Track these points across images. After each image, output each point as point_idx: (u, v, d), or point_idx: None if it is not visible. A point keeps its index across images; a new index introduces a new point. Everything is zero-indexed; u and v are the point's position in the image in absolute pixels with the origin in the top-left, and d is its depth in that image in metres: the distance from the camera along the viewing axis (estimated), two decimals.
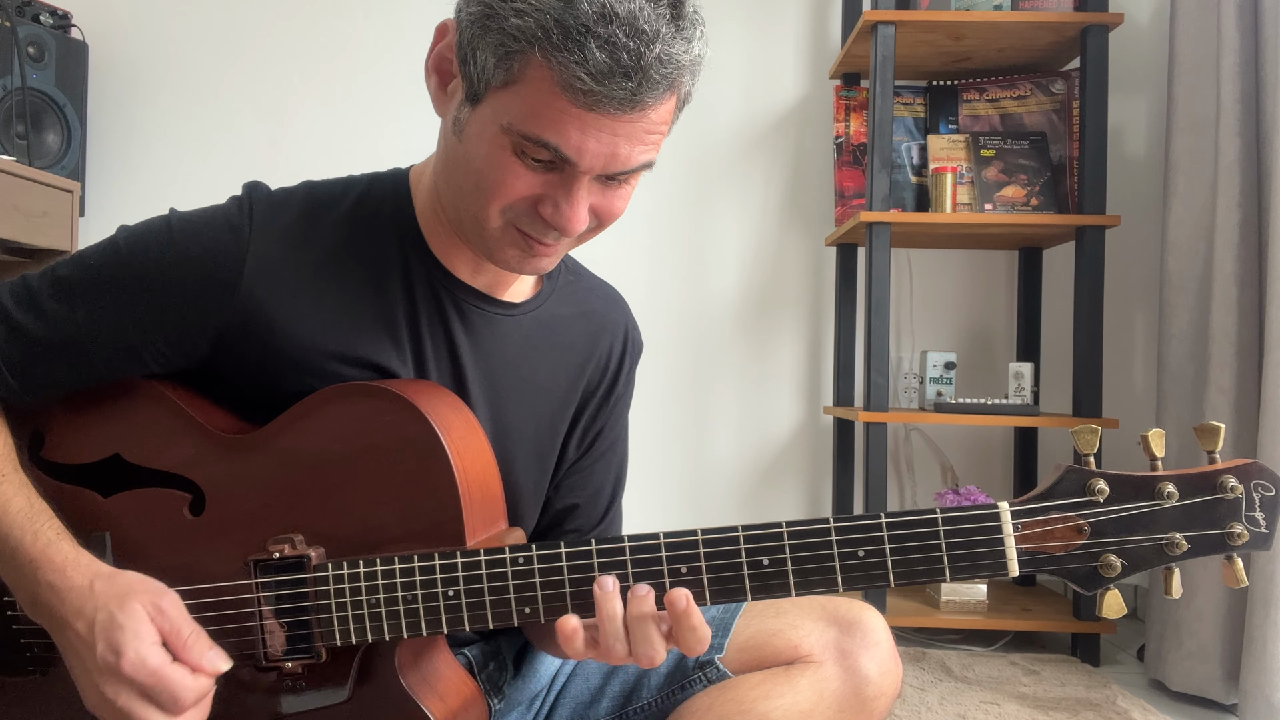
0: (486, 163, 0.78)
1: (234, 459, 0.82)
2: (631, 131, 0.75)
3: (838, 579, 0.72)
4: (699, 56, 0.76)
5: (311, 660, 0.79)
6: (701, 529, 0.74)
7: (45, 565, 0.76)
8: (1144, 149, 2.46)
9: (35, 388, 0.85)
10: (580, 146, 0.74)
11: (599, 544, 0.74)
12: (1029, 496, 0.72)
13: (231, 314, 0.83)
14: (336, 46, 2.61)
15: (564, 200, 0.77)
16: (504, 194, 0.78)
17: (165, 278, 0.82)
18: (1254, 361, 1.84)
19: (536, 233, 0.80)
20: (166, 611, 0.75)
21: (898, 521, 0.71)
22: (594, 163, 0.75)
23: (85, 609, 0.74)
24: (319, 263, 0.85)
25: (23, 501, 0.80)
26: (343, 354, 0.85)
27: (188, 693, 0.73)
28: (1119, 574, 0.70)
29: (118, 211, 2.56)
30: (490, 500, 0.83)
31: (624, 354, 1.02)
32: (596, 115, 0.73)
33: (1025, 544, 0.71)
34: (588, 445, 1.01)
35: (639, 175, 0.81)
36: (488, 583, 0.75)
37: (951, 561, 0.71)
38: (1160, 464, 0.71)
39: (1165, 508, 0.70)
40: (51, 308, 0.83)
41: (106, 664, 0.72)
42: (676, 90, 0.76)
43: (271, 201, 0.86)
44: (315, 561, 0.79)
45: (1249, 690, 1.72)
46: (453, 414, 0.83)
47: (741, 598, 0.74)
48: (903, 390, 2.44)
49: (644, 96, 0.73)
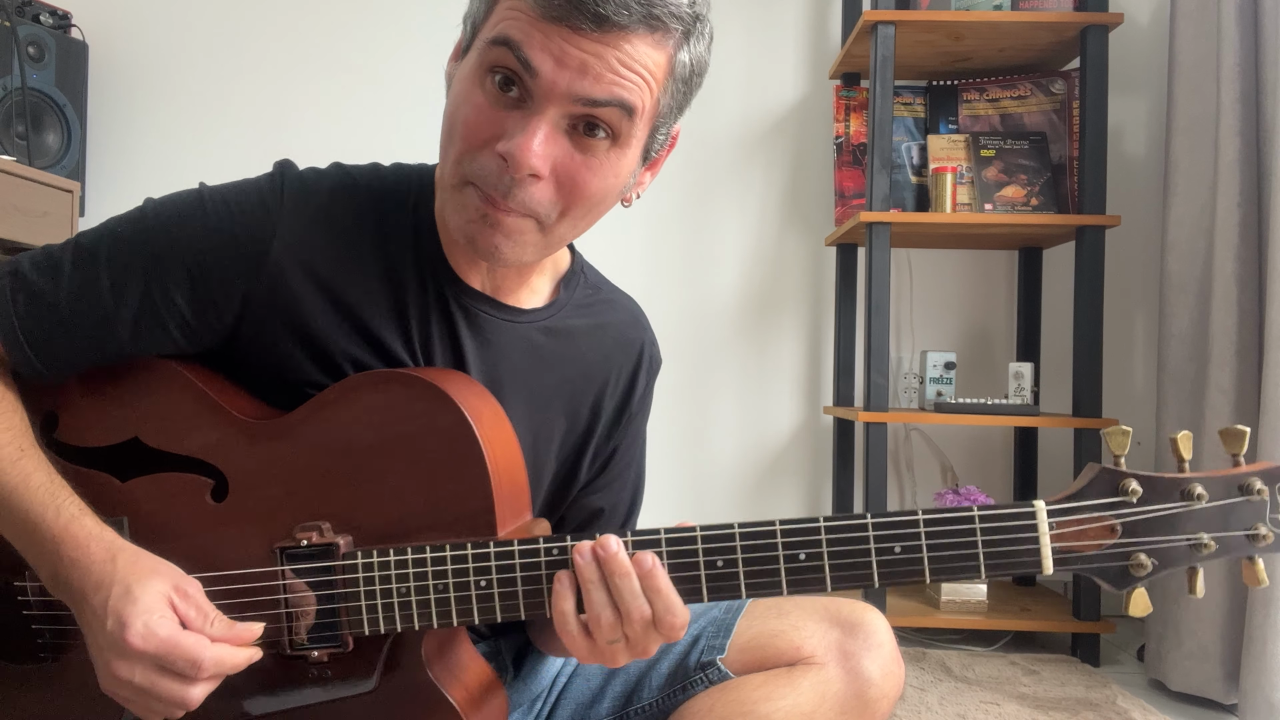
0: (455, 101, 0.77)
1: (258, 444, 0.81)
2: (602, 54, 0.72)
3: (874, 575, 0.72)
4: (695, 17, 0.75)
5: (338, 649, 0.79)
6: (739, 522, 0.73)
7: (67, 541, 0.75)
8: (1144, 149, 2.46)
9: (54, 361, 0.83)
10: (543, 52, 0.72)
11: (634, 535, 0.74)
12: (1063, 496, 0.72)
13: (258, 286, 0.82)
14: (337, 46, 2.61)
15: (520, 132, 0.73)
16: (469, 132, 0.76)
17: (194, 246, 0.81)
18: (1254, 361, 1.84)
19: (491, 185, 0.75)
20: (190, 595, 0.74)
21: (935, 519, 0.72)
22: (557, 75, 0.72)
23: (103, 583, 0.73)
24: (343, 247, 0.84)
25: (44, 477, 0.78)
26: (362, 333, 0.84)
27: (205, 655, 0.71)
28: (1149, 573, 0.71)
29: (117, 211, 2.56)
30: (518, 491, 0.83)
31: (638, 370, 0.99)
32: (563, 28, 0.71)
33: (1060, 542, 0.71)
34: (602, 465, 0.99)
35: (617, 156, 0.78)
36: (520, 573, 0.75)
37: (988, 559, 0.71)
38: (1188, 465, 0.72)
39: (1196, 509, 0.71)
40: (74, 275, 0.82)
41: (113, 639, 0.70)
42: (662, 36, 0.74)
43: (303, 180, 0.85)
44: (344, 549, 0.78)
45: (1249, 690, 1.72)
46: (481, 404, 0.82)
47: (777, 591, 0.73)
48: (903, 390, 2.44)
49: (611, 14, 0.70)
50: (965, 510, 0.72)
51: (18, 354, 0.83)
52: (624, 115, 0.75)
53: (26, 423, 0.83)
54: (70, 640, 0.84)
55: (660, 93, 0.77)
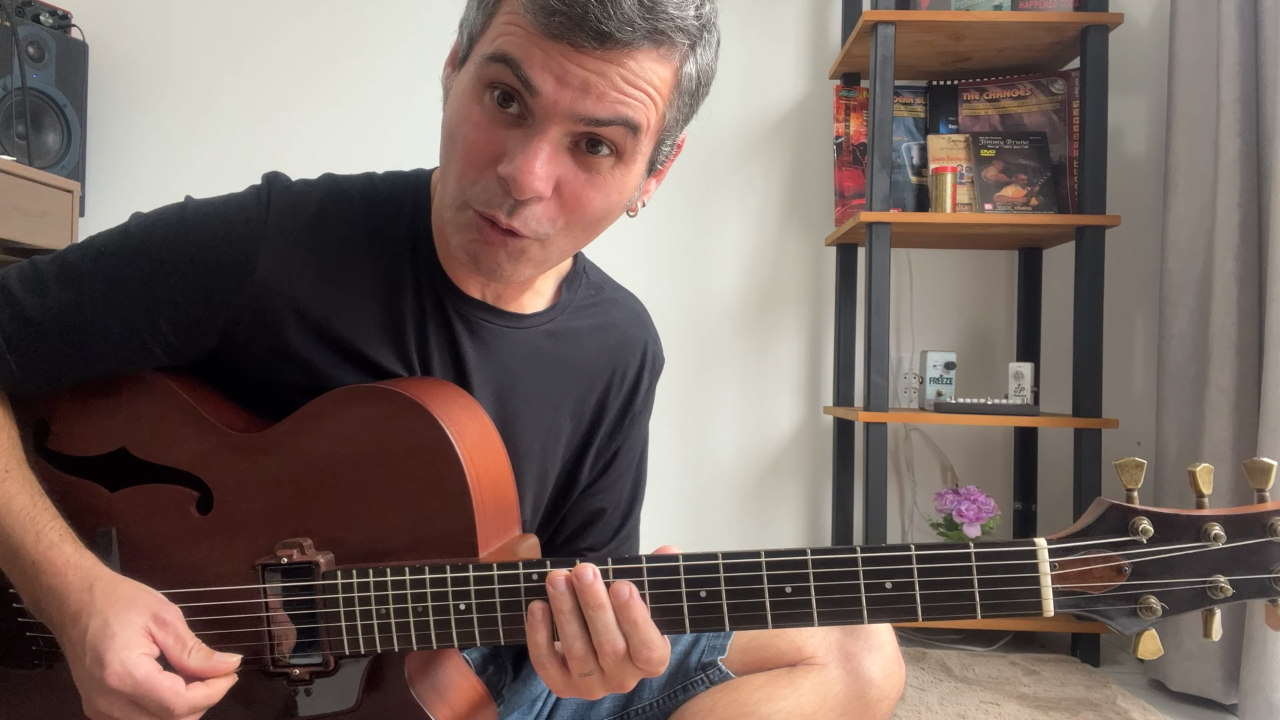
0: (453, 117, 0.75)
1: (243, 458, 0.81)
2: (605, 72, 0.69)
3: (863, 611, 0.69)
4: (701, 27, 0.72)
5: (319, 667, 0.78)
6: (722, 552, 0.71)
7: (45, 568, 0.75)
8: (1144, 149, 2.46)
9: (39, 376, 0.83)
10: (544, 71, 0.69)
11: (615, 563, 0.72)
12: (1067, 534, 0.69)
13: (242, 306, 0.81)
14: (337, 46, 2.61)
15: (521, 153, 0.71)
16: (469, 153, 0.74)
17: (176, 266, 0.80)
18: (1254, 361, 1.84)
19: (493, 206, 0.73)
20: (170, 623, 0.74)
21: (929, 554, 0.68)
22: (559, 95, 0.69)
23: (82, 615, 0.73)
24: (334, 261, 0.83)
25: (26, 500, 0.78)
26: (351, 354, 0.83)
27: (178, 701, 0.71)
28: (1159, 617, 0.67)
29: (118, 211, 2.56)
30: (504, 507, 0.81)
31: (642, 370, 0.99)
32: (565, 46, 0.68)
33: (1062, 583, 0.68)
34: (604, 466, 0.98)
35: (622, 172, 0.76)
36: (500, 598, 0.73)
37: (984, 599, 0.68)
38: (1207, 501, 0.68)
39: (1211, 549, 0.66)
40: (58, 293, 0.81)
41: (93, 677, 0.71)
42: (667, 51, 0.71)
43: (291, 193, 0.84)
44: (324, 568, 0.77)
45: (1249, 690, 1.72)
46: (468, 417, 0.80)
47: (762, 625, 0.70)
48: (903, 390, 2.44)
49: (614, 31, 0.67)
50: (961, 546, 0.68)
51: (3, 368, 0.82)
52: (628, 133, 0.73)
53: (15, 440, 0.82)
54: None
55: (666, 107, 0.75)
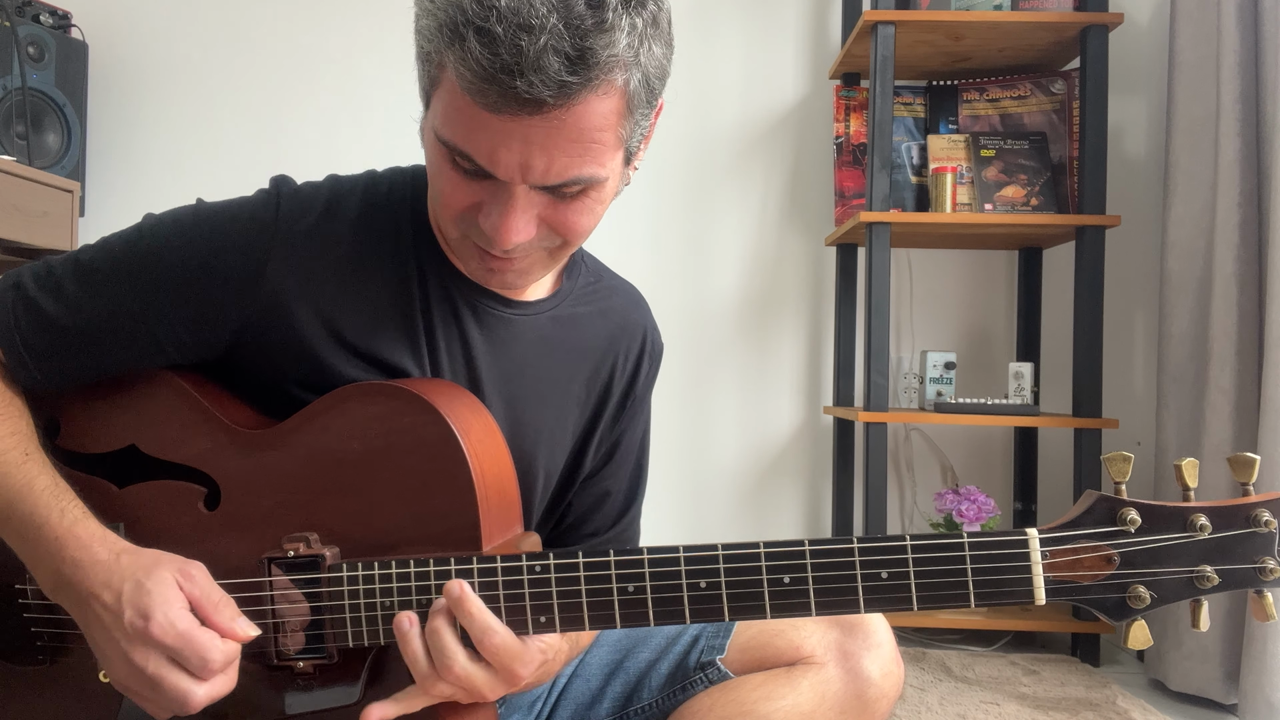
0: (433, 170, 0.78)
1: (250, 454, 0.82)
2: (548, 138, 0.69)
3: (860, 600, 0.71)
4: (634, 49, 0.69)
5: (323, 660, 0.79)
6: (722, 544, 0.72)
7: (71, 542, 0.76)
8: (1144, 149, 2.46)
9: (53, 373, 0.85)
10: (492, 154, 0.70)
11: (617, 554, 0.73)
12: (1058, 524, 0.71)
13: (254, 307, 0.82)
14: (337, 46, 2.61)
15: (497, 211, 0.74)
16: (449, 203, 0.77)
17: (189, 268, 0.82)
18: (1254, 361, 1.84)
19: (485, 245, 0.77)
20: (195, 578, 0.75)
21: (923, 544, 0.70)
22: (510, 172, 0.71)
23: (113, 580, 0.74)
24: (341, 260, 0.84)
25: (48, 480, 0.79)
26: (361, 353, 0.85)
27: (216, 655, 0.72)
28: (1147, 605, 0.69)
29: (118, 211, 2.56)
30: (507, 505, 0.83)
31: (642, 354, 1.00)
32: (501, 119, 0.68)
33: (1053, 572, 0.70)
34: (609, 451, 1.00)
35: (598, 192, 0.76)
36: (503, 589, 0.74)
37: (977, 587, 0.70)
38: (1193, 494, 0.70)
39: (1197, 540, 0.68)
40: (73, 292, 0.83)
41: (135, 629, 0.72)
42: (607, 88, 0.69)
43: (298, 196, 0.85)
44: (330, 561, 0.78)
45: (1249, 690, 1.72)
46: (472, 415, 0.82)
47: (761, 615, 0.72)
48: (903, 390, 2.44)
49: (548, 97, 0.66)
50: (955, 537, 0.70)
51: (19, 366, 0.84)
52: (591, 177, 0.74)
53: (32, 427, 0.84)
54: (68, 644, 0.84)
55: (621, 125, 0.74)
